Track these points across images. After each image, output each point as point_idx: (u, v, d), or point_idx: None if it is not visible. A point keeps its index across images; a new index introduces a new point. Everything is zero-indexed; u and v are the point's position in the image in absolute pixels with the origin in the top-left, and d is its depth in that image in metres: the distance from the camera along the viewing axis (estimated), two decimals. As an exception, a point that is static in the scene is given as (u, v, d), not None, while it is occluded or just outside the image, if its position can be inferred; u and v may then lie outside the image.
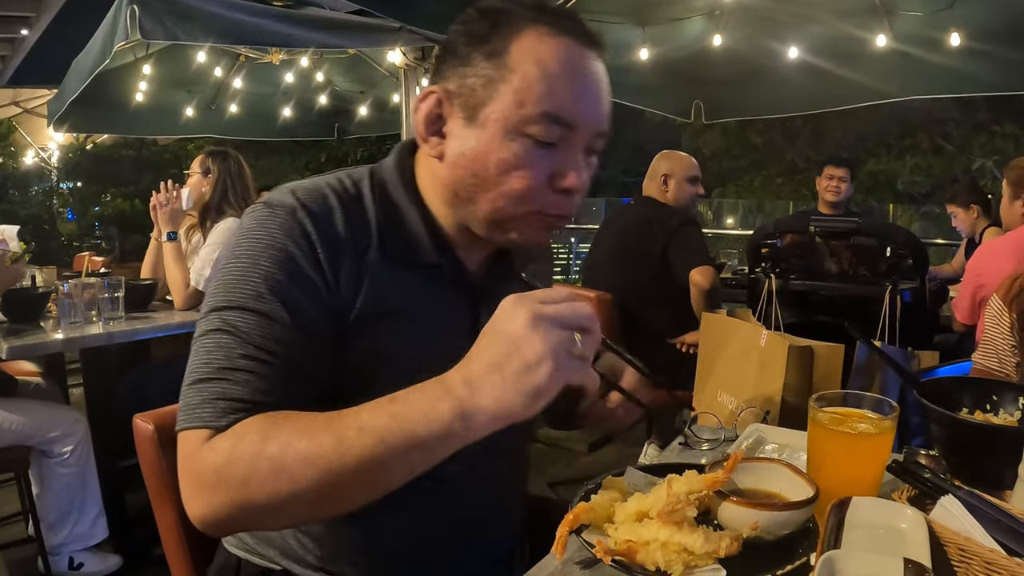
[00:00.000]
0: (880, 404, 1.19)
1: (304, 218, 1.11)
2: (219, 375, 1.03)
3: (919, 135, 15.28)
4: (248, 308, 1.06)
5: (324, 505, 0.97)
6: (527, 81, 1.07)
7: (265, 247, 1.09)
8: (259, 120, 7.63)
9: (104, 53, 4.17)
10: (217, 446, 0.98)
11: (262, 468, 0.94)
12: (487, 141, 1.09)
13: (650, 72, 5.83)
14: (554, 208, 1.13)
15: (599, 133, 1.15)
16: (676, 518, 1.01)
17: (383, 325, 1.14)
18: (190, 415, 1.02)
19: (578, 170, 1.12)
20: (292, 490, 0.93)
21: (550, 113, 1.07)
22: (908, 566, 0.87)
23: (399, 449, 0.91)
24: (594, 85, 1.12)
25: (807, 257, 3.26)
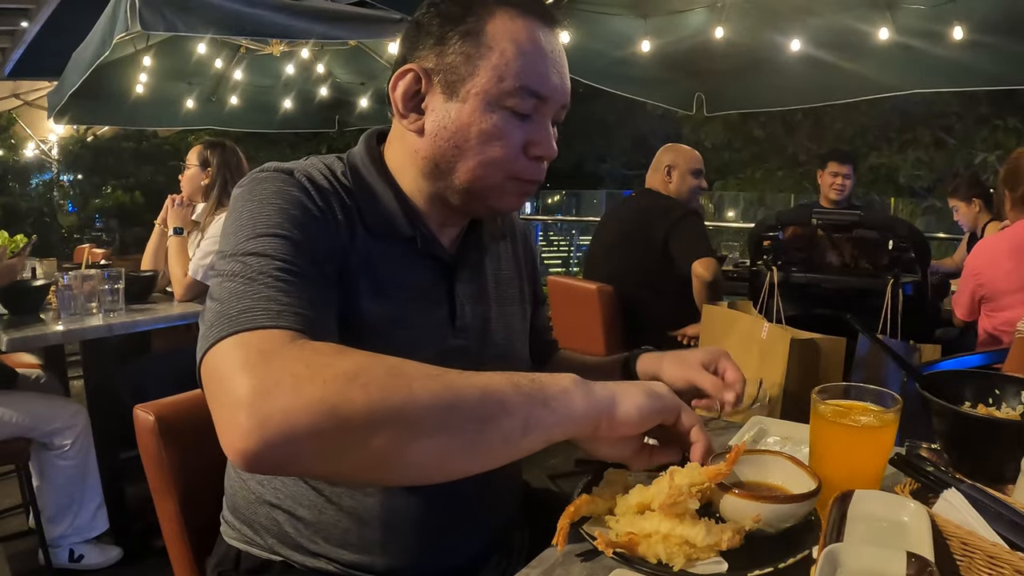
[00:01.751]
0: (883, 397, 1.18)
1: (302, 178, 1.16)
2: (262, 285, 0.99)
3: (920, 129, 15.23)
4: (267, 235, 1.05)
5: (427, 438, 0.88)
6: (505, 58, 1.15)
7: (272, 193, 1.12)
8: (259, 112, 7.63)
9: (104, 45, 4.17)
10: (313, 345, 0.92)
11: (377, 369, 0.88)
12: (468, 113, 1.16)
13: (651, 64, 5.82)
14: (528, 174, 1.22)
15: (564, 105, 1.24)
16: (678, 510, 1.00)
17: (365, 288, 1.17)
18: (237, 320, 0.93)
19: (549, 139, 1.22)
20: (404, 401, 0.86)
21: (526, 87, 1.16)
22: (911, 560, 0.86)
23: (526, 390, 0.95)
24: (559, 61, 1.22)
25: (809, 250, 3.25)
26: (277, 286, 0.98)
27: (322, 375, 0.84)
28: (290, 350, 0.89)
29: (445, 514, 1.28)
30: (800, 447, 1.32)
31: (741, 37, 5.42)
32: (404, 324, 1.20)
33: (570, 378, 1.00)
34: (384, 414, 0.84)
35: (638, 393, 1.03)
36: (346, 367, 0.86)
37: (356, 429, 0.84)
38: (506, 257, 1.48)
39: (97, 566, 3.12)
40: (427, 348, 1.17)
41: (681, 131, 16.25)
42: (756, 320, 2.82)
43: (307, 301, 0.99)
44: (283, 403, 0.82)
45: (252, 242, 1.04)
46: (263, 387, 0.84)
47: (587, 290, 3.67)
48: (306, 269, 1.04)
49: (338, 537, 1.25)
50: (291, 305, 0.96)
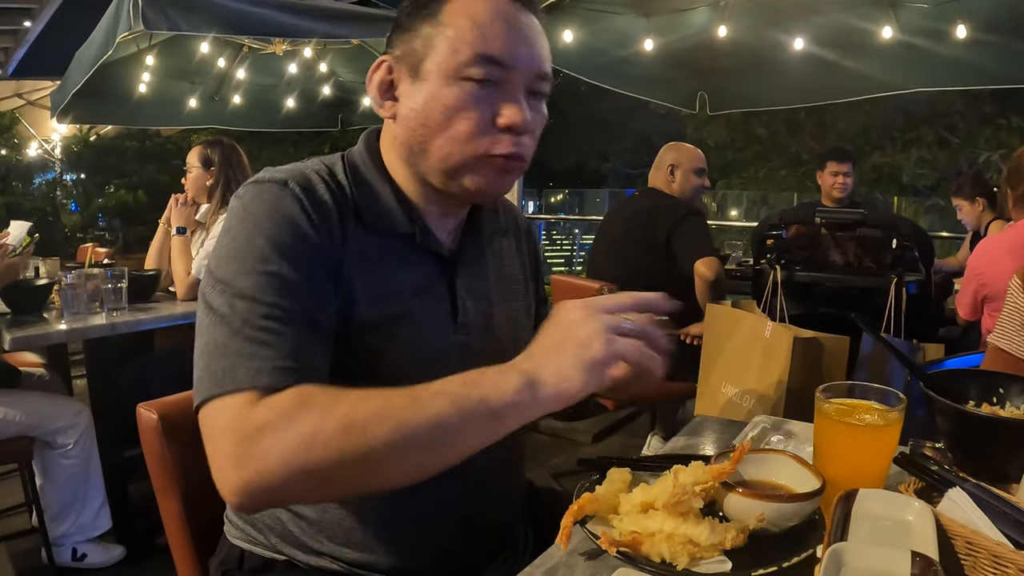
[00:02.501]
0: (887, 396, 1.18)
1: (295, 187, 1.16)
2: (245, 338, 1.03)
3: (924, 128, 15.21)
4: (256, 271, 1.08)
5: (389, 468, 0.97)
6: (460, 31, 1.14)
7: (264, 215, 1.13)
8: (262, 111, 7.62)
9: (107, 44, 4.17)
10: (274, 404, 0.98)
11: (330, 425, 0.95)
12: (430, 91, 1.16)
13: (654, 63, 5.81)
14: (499, 147, 1.17)
15: (538, 75, 1.21)
16: (682, 509, 1.00)
17: (365, 292, 1.18)
18: (219, 383, 1.01)
19: (518, 107, 1.17)
20: (362, 448, 0.94)
21: (482, 54, 1.14)
22: (915, 559, 0.86)
23: (471, 412, 0.96)
24: (525, 31, 1.19)
25: (812, 248, 3.25)
26: (258, 337, 1.03)
27: (287, 438, 0.94)
28: (258, 416, 0.97)
29: (448, 512, 1.28)
30: (804, 446, 1.32)
31: (744, 36, 5.41)
32: (405, 321, 1.21)
33: (514, 385, 0.98)
34: (344, 464, 0.95)
35: (578, 374, 0.97)
36: (305, 430, 0.95)
37: (323, 478, 0.96)
38: (509, 252, 1.47)
39: (100, 565, 3.12)
40: (429, 344, 1.20)
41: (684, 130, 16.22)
42: (759, 319, 2.82)
43: (287, 352, 1.04)
44: (257, 467, 0.94)
45: (243, 279, 1.07)
46: (241, 454, 0.96)
47: (590, 289, 3.66)
48: (292, 310, 1.07)
49: (342, 535, 1.25)
50: (270, 359, 1.02)
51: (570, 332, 1.00)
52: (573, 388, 0.97)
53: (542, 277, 1.60)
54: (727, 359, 2.94)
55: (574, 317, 1.01)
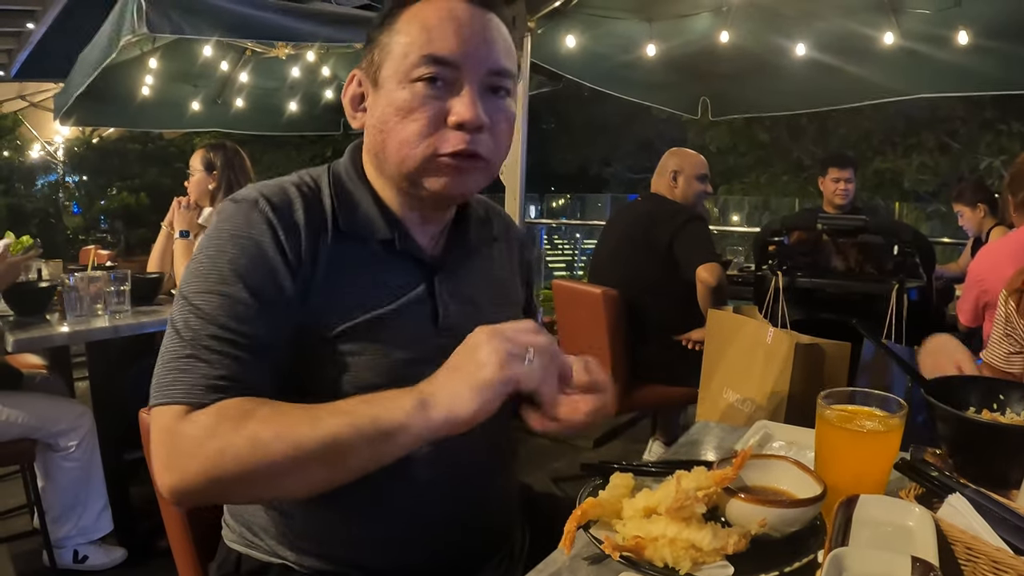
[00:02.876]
0: (888, 402, 1.19)
1: (265, 206, 1.20)
2: (189, 355, 1.10)
3: (925, 134, 15.22)
4: (213, 291, 1.14)
5: (287, 481, 1.05)
6: (410, 36, 1.18)
7: (230, 236, 1.18)
8: (265, 114, 7.63)
9: (110, 47, 4.18)
10: (197, 420, 1.06)
11: (238, 442, 1.02)
12: (385, 96, 1.20)
13: (657, 68, 5.82)
14: (450, 145, 1.18)
15: (493, 71, 1.21)
16: (684, 514, 1.01)
17: (342, 299, 1.22)
18: (163, 392, 1.09)
19: (468, 104, 1.17)
20: (262, 464, 1.02)
21: (429, 55, 1.16)
22: (916, 564, 0.87)
23: (364, 431, 1.01)
24: (478, 29, 1.20)
25: (814, 254, 3.26)
26: (200, 355, 1.10)
27: (203, 452, 1.03)
28: (182, 429, 1.06)
29: (439, 514, 1.29)
30: (805, 452, 1.33)
31: (746, 41, 5.42)
32: (384, 325, 1.23)
33: (407, 406, 1.02)
34: (250, 476, 1.03)
35: (469, 397, 1.00)
36: (218, 445, 1.03)
37: (234, 487, 1.06)
38: (500, 259, 1.48)
39: (101, 567, 3.12)
40: (409, 347, 1.23)
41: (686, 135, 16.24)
42: (761, 325, 2.82)
43: (222, 372, 1.10)
44: (181, 475, 1.04)
45: (200, 298, 1.14)
46: (168, 462, 1.06)
47: (592, 294, 3.67)
48: (238, 332, 1.13)
49: (330, 534, 1.27)
50: (204, 377, 1.09)
51: (469, 355, 1.03)
52: (464, 410, 1.00)
53: (533, 288, 1.60)
54: (729, 365, 2.95)
55: (475, 341, 1.04)
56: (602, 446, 4.81)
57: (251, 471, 1.02)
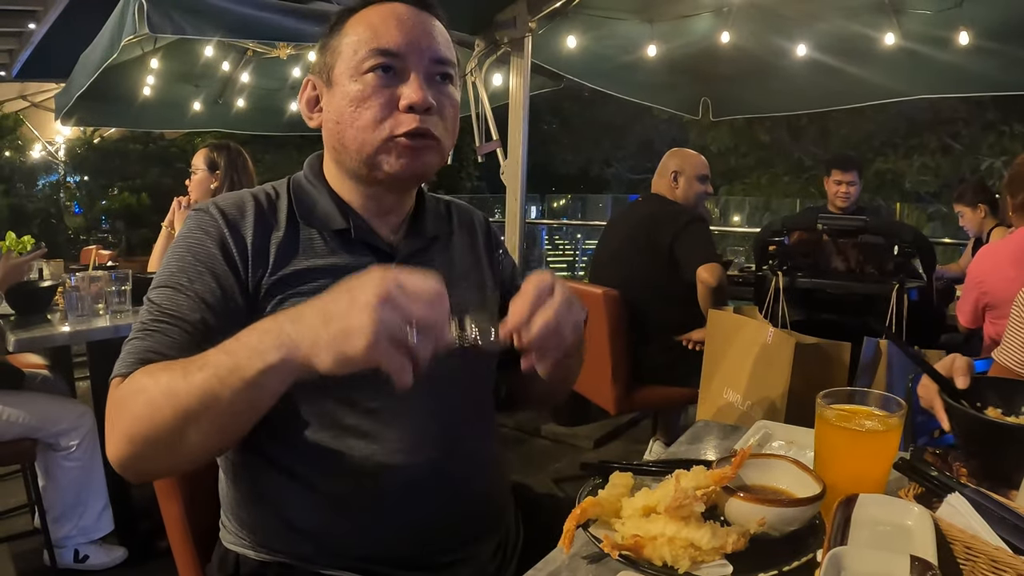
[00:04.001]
0: (887, 401, 1.19)
1: (214, 211, 1.31)
2: (135, 337, 1.20)
3: (926, 135, 15.24)
4: (164, 286, 1.24)
5: (192, 435, 1.07)
6: (358, 35, 1.28)
7: (183, 239, 1.29)
8: (266, 115, 7.63)
9: (112, 47, 4.18)
10: (117, 389, 1.14)
11: (139, 402, 1.09)
12: (339, 91, 1.29)
13: (658, 69, 5.82)
14: (404, 126, 1.27)
15: (435, 60, 1.31)
16: (683, 513, 1.01)
17: (299, 283, 1.28)
18: (117, 366, 1.18)
19: (416, 88, 1.26)
20: (159, 422, 1.06)
21: (377, 48, 1.26)
22: (915, 563, 0.87)
23: (228, 382, 1.02)
24: (418, 26, 1.30)
25: (814, 255, 3.25)
26: (144, 335, 1.20)
27: (120, 417, 1.11)
28: (112, 398, 1.14)
29: (428, 498, 1.32)
30: (805, 451, 1.33)
31: (747, 42, 5.42)
32: None
33: (268, 358, 1.00)
34: (156, 435, 1.07)
35: (330, 361, 0.97)
36: (129, 408, 1.10)
37: (152, 449, 1.10)
38: (462, 247, 1.51)
39: (102, 566, 3.12)
40: None
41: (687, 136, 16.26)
42: (761, 325, 2.82)
43: (152, 346, 1.18)
44: (110, 445, 1.12)
45: (156, 291, 1.25)
46: (107, 436, 1.13)
47: (593, 295, 3.67)
48: (172, 315, 1.21)
49: (321, 525, 1.29)
50: (136, 351, 1.17)
51: (346, 310, 0.96)
52: (317, 367, 0.98)
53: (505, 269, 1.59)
54: (729, 365, 2.95)
55: (363, 296, 0.95)
56: (602, 446, 4.81)
57: (154, 430, 1.07)
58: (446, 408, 1.34)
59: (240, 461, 1.33)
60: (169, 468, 1.28)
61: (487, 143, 4.84)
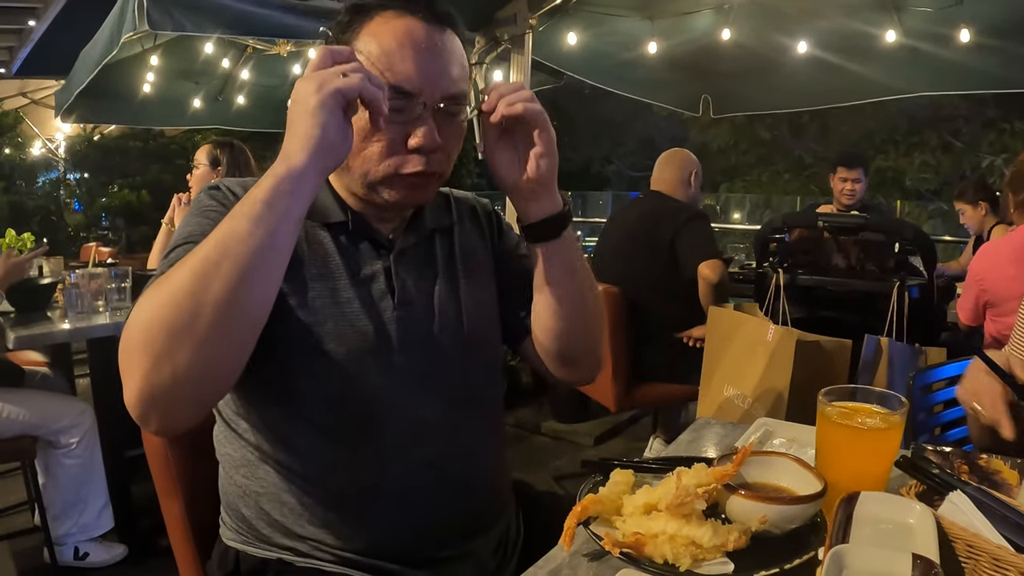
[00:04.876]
0: (889, 399, 1.18)
1: (225, 188, 1.31)
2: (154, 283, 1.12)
3: (927, 132, 15.23)
4: (179, 244, 1.21)
5: (207, 295, 1.01)
6: (369, 60, 1.20)
7: (194, 212, 1.29)
8: (266, 111, 7.61)
9: (112, 44, 4.18)
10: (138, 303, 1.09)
11: (155, 302, 1.04)
12: None
13: (658, 66, 5.83)
14: (409, 167, 1.24)
15: (447, 96, 1.25)
16: (685, 511, 1.01)
17: (298, 272, 1.27)
18: None
19: (426, 129, 1.22)
20: (177, 287, 1.02)
21: (391, 85, 1.19)
22: (916, 562, 0.87)
23: (251, 213, 1.03)
24: (434, 54, 1.24)
25: (815, 252, 3.25)
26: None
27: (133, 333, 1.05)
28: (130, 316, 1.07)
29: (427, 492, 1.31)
30: (806, 449, 1.32)
31: (748, 39, 5.41)
32: (342, 298, 1.29)
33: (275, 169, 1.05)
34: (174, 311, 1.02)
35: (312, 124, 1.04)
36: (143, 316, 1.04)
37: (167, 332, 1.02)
38: (464, 235, 1.50)
39: (102, 564, 3.12)
40: (369, 320, 1.28)
41: (687, 133, 16.25)
42: (762, 322, 2.82)
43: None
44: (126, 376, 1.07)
45: (172, 253, 1.20)
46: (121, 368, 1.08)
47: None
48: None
49: (320, 519, 1.28)
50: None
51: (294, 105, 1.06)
52: (313, 141, 1.04)
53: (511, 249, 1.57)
54: (729, 362, 2.95)
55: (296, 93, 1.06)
56: (603, 444, 4.81)
57: (174, 305, 1.01)
58: (446, 404, 1.34)
59: (240, 458, 1.32)
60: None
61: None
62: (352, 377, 1.25)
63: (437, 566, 1.33)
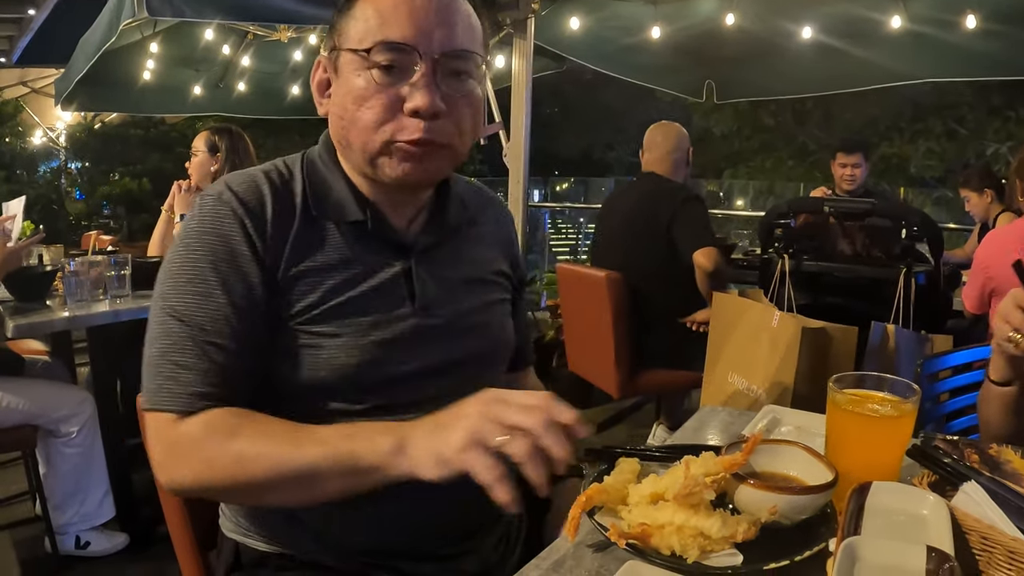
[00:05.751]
0: (900, 386, 1.16)
1: (230, 199, 1.21)
2: (174, 362, 1.15)
3: (932, 119, 15.17)
4: (188, 292, 1.16)
5: (268, 495, 1.13)
6: (364, 22, 1.17)
7: (198, 235, 1.19)
8: (267, 98, 7.59)
9: (111, 31, 4.15)
10: (187, 430, 1.12)
11: (224, 457, 1.09)
12: (344, 83, 1.20)
13: (661, 51, 5.80)
14: (407, 133, 1.17)
15: (451, 53, 1.18)
16: (693, 501, 0.98)
17: (313, 281, 1.22)
18: (152, 398, 1.15)
19: (424, 91, 1.16)
20: (244, 479, 1.08)
21: (383, 41, 1.15)
22: (931, 555, 0.84)
23: (341, 463, 1.04)
24: (434, 11, 1.17)
25: (821, 238, 3.23)
26: (182, 362, 1.14)
27: (191, 463, 1.12)
28: (174, 437, 1.13)
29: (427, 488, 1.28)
30: (813, 438, 1.30)
31: (752, 24, 5.37)
32: (359, 305, 1.23)
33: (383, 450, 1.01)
34: (235, 487, 1.11)
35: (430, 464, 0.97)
36: (206, 455, 1.10)
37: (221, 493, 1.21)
38: (485, 237, 1.46)
39: (103, 553, 3.12)
40: (385, 328, 1.23)
41: (690, 119, 16.20)
42: (767, 308, 2.80)
43: (205, 378, 1.14)
44: (173, 477, 1.14)
45: (176, 298, 1.17)
46: (162, 463, 1.15)
47: (595, 278, 3.65)
48: (216, 333, 1.16)
49: (320, 517, 1.26)
50: (189, 384, 1.13)
51: (452, 420, 0.99)
52: (425, 470, 0.98)
53: (521, 263, 1.57)
54: (734, 349, 2.93)
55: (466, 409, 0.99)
56: (605, 431, 4.80)
57: (235, 483, 1.10)
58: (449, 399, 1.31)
59: None
60: (226, 502, 1.37)
61: (489, 125, 4.81)
62: (364, 381, 1.22)
63: (440, 562, 1.31)
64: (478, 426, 0.96)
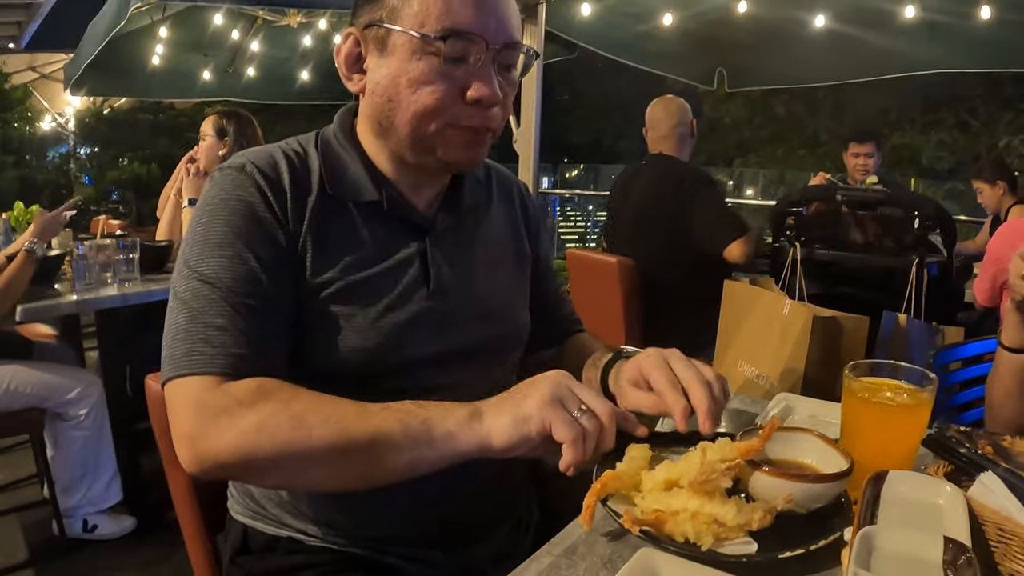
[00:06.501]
0: (916, 375, 1.15)
1: (252, 171, 1.20)
2: (205, 323, 1.09)
3: (944, 111, 15.11)
4: (214, 255, 1.14)
5: (322, 470, 1.04)
6: (425, 3, 1.13)
7: (221, 200, 1.18)
8: (276, 84, 7.57)
9: (120, 15, 4.15)
10: (234, 391, 1.05)
11: (282, 419, 1.02)
12: (397, 65, 1.16)
13: (673, 38, 5.76)
14: (467, 119, 1.18)
15: (507, 45, 1.19)
16: (708, 488, 0.97)
17: (330, 256, 1.21)
18: (181, 364, 1.07)
19: (486, 81, 1.16)
20: (301, 447, 1.01)
21: (450, 28, 1.13)
22: (948, 545, 0.83)
23: (411, 431, 1.01)
24: (493, 1, 1.17)
25: (832, 227, 3.20)
26: (216, 323, 1.10)
27: (239, 426, 1.02)
28: (216, 399, 1.04)
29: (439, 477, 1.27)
30: (826, 426, 1.29)
31: (764, 12, 5.32)
32: (374, 286, 1.23)
33: (459, 416, 1.02)
34: (286, 458, 1.02)
35: (507, 424, 1.00)
36: (257, 419, 1.02)
37: (266, 466, 1.04)
38: (500, 217, 1.46)
39: (111, 536, 3.13)
40: (400, 309, 1.22)
41: (701, 106, 16.14)
42: (778, 297, 2.78)
43: (241, 336, 1.10)
44: (210, 446, 1.03)
45: (202, 263, 1.13)
46: (197, 432, 1.04)
47: (607, 263, 3.63)
48: (248, 294, 1.13)
49: (329, 506, 1.26)
50: (224, 345, 1.08)
51: (528, 385, 1.03)
52: (500, 432, 1.00)
53: (544, 240, 1.57)
54: (744, 337, 2.91)
55: (542, 376, 1.03)
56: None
57: (288, 452, 1.01)
58: (473, 392, 1.28)
59: None
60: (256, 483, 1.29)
61: (500, 111, 4.80)
62: (379, 364, 1.21)
63: (450, 550, 1.30)
64: (558, 391, 1.00)
